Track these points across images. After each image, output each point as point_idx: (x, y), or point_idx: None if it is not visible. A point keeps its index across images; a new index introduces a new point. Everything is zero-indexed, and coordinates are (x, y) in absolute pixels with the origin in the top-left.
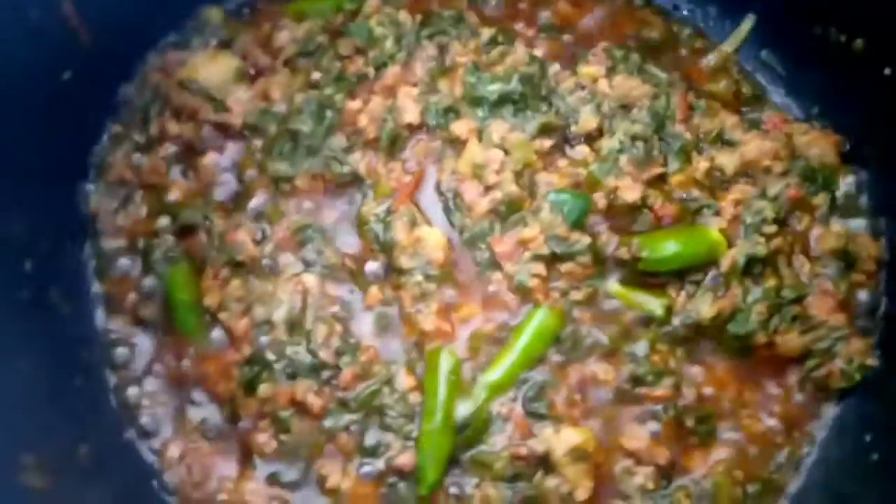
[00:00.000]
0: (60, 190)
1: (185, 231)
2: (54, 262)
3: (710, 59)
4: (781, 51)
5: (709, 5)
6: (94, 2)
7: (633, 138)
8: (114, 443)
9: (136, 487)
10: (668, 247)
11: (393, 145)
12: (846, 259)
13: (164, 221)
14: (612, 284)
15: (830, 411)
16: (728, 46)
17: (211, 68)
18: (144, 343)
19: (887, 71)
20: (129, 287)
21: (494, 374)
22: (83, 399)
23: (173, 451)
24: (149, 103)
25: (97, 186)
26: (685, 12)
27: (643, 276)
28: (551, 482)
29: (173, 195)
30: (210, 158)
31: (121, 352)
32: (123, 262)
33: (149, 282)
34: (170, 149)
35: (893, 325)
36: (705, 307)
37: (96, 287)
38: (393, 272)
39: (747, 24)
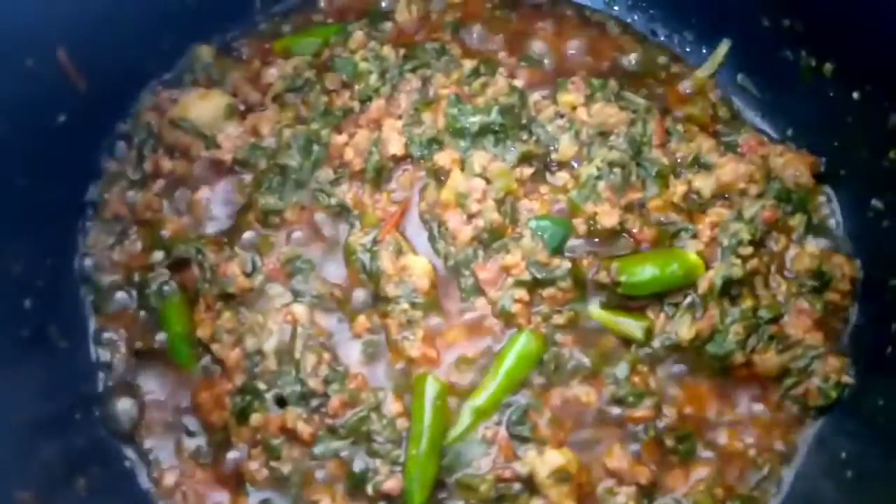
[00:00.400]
0: (57, 227)
1: (178, 264)
2: (52, 298)
3: (687, 84)
4: (756, 74)
5: (685, 31)
6: (87, 47)
7: (611, 164)
8: (111, 473)
9: None
10: (646, 271)
11: (378, 177)
12: (822, 279)
13: (158, 256)
14: (593, 308)
15: (809, 429)
16: (704, 71)
17: (202, 106)
18: (140, 375)
19: (856, 94)
20: (125, 321)
21: (479, 398)
22: (81, 432)
23: (169, 479)
24: (142, 141)
25: (93, 223)
26: (662, 38)
27: (623, 300)
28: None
29: (167, 230)
30: (202, 193)
31: (117, 384)
32: (119, 296)
33: (144, 315)
34: (163, 185)
35: (868, 344)
36: (684, 329)
37: (93, 321)
38: (380, 300)
39: (723, 48)
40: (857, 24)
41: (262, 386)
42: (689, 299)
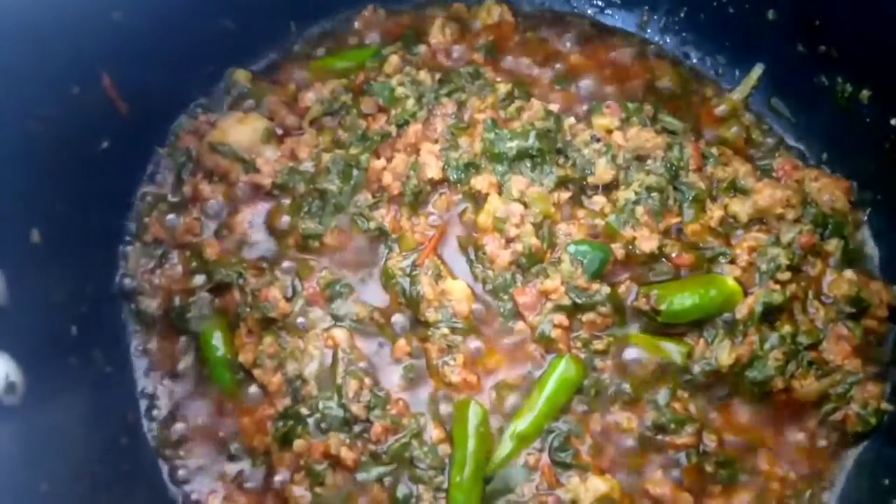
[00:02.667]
0: (99, 252)
1: (219, 289)
2: (96, 323)
3: (720, 107)
4: (790, 98)
5: (718, 54)
6: (129, 74)
7: (649, 189)
8: (156, 497)
9: None
10: (686, 299)
11: (416, 200)
12: (859, 305)
13: (199, 280)
14: (633, 333)
15: (849, 455)
16: (738, 94)
17: (240, 130)
18: (183, 399)
19: (893, 121)
20: (166, 345)
21: (521, 424)
22: (128, 457)
23: (212, 503)
24: (182, 166)
25: (134, 247)
26: (695, 61)
27: (663, 326)
28: None
29: (207, 254)
30: (242, 217)
31: (161, 409)
32: (161, 320)
33: (185, 339)
34: (202, 209)
35: None
36: (724, 354)
37: (135, 346)
38: (419, 325)
39: (756, 71)
40: (895, 51)
41: (304, 411)
42: (728, 325)
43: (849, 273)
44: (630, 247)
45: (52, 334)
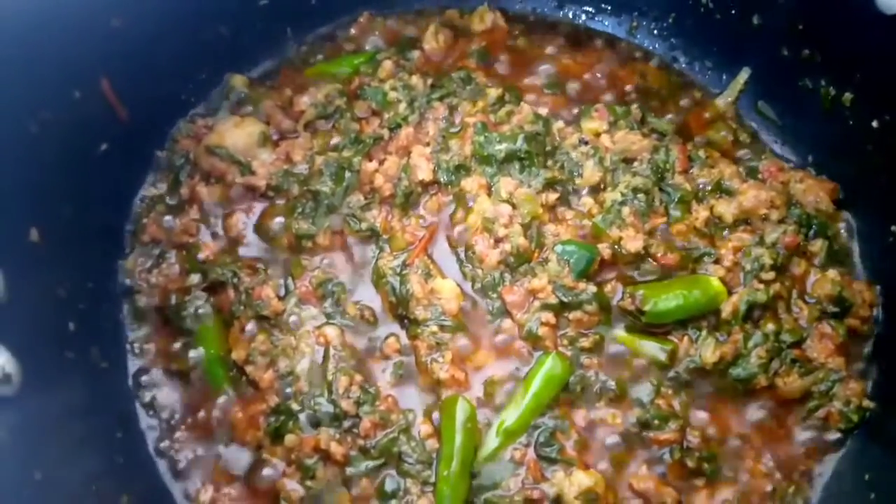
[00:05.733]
0: (99, 252)
1: (214, 288)
2: (94, 320)
3: (708, 110)
4: (777, 101)
5: (705, 59)
6: (128, 78)
7: (635, 190)
8: (150, 490)
9: None
10: (671, 299)
11: (407, 202)
12: (843, 304)
13: (194, 279)
14: (619, 332)
15: (832, 452)
16: (726, 97)
17: (236, 133)
18: (177, 395)
19: (875, 123)
20: (162, 342)
21: (508, 420)
22: (123, 451)
23: (204, 496)
24: (179, 168)
25: (132, 247)
26: (683, 65)
27: (647, 325)
28: None
29: (203, 254)
30: (237, 218)
31: (155, 404)
32: (157, 318)
33: (181, 337)
34: (199, 210)
35: (889, 369)
36: (708, 352)
37: (132, 343)
38: (409, 323)
39: (743, 75)
40: (876, 55)
41: (295, 407)
42: (712, 324)
43: (832, 273)
44: (616, 247)
45: (50, 329)
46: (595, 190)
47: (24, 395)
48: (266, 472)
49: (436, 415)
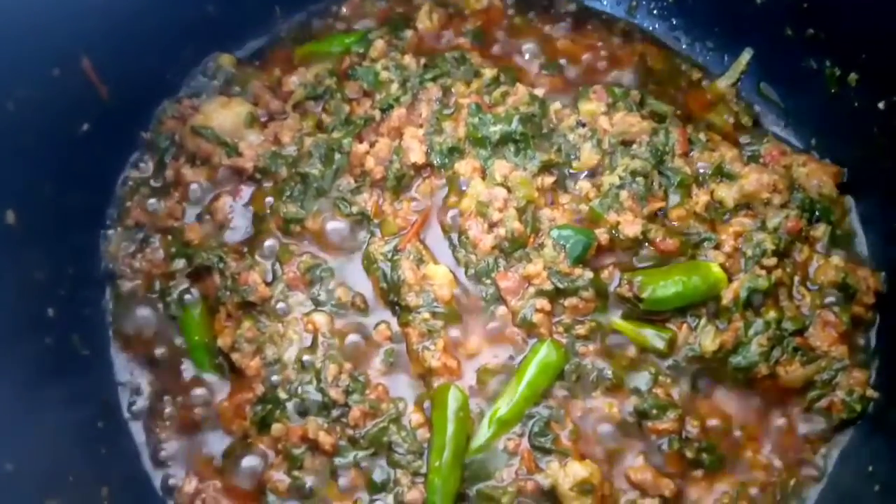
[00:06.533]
0: (79, 235)
1: (199, 273)
2: (75, 306)
3: (709, 92)
4: (779, 83)
5: (707, 39)
6: (110, 56)
7: (634, 174)
8: (132, 481)
9: None
10: (669, 287)
11: (399, 185)
12: (846, 291)
13: (179, 263)
14: (615, 319)
15: (834, 441)
16: (727, 79)
17: (223, 114)
18: (161, 383)
19: (881, 104)
20: (145, 329)
21: (501, 409)
22: (104, 441)
23: (188, 487)
24: (164, 150)
25: (115, 231)
26: (684, 46)
27: (645, 312)
28: None
29: (188, 238)
30: (223, 202)
31: (138, 392)
32: (140, 304)
33: (165, 323)
34: (184, 193)
35: (893, 358)
36: (707, 340)
37: (114, 330)
38: (400, 309)
39: (745, 56)
40: (883, 34)
41: (282, 395)
42: (712, 311)
43: (836, 259)
44: (614, 232)
45: (26, 314)
46: (592, 173)
47: None
48: (252, 462)
49: (427, 404)
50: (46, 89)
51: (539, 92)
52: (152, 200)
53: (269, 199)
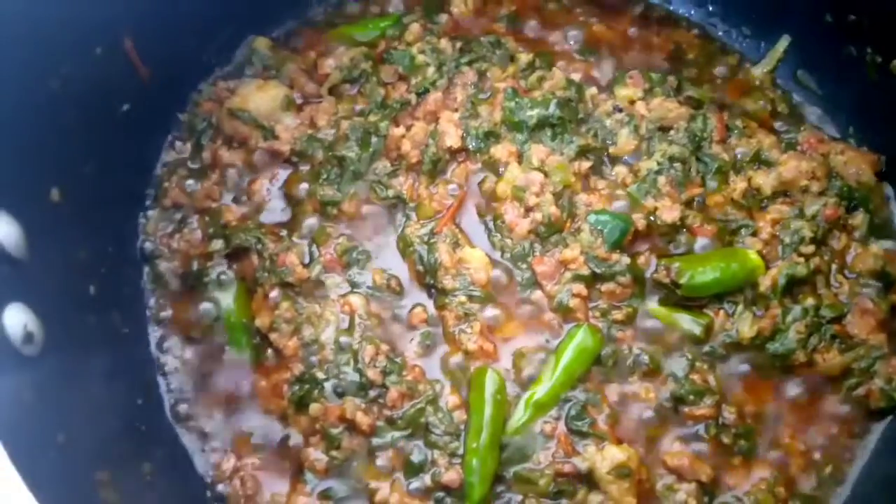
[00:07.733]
0: (120, 215)
1: (237, 254)
2: (115, 285)
3: (745, 79)
4: (817, 70)
5: (743, 25)
6: (150, 38)
7: (671, 159)
8: (173, 459)
9: (192, 500)
10: (707, 272)
11: (435, 169)
12: (885, 280)
13: (217, 244)
14: (652, 304)
15: (872, 429)
16: (764, 66)
17: (260, 97)
18: (199, 362)
19: None
20: (184, 308)
21: (538, 393)
22: (144, 417)
23: (227, 465)
24: (201, 131)
25: (154, 212)
26: (720, 32)
27: (682, 297)
28: (594, 499)
29: (226, 219)
30: (261, 184)
31: (177, 371)
32: (179, 284)
33: (203, 303)
34: (221, 174)
35: None
36: (745, 327)
37: (153, 308)
38: (437, 292)
39: (782, 43)
40: None
41: (320, 375)
42: (749, 297)
43: (874, 247)
44: (651, 217)
45: (70, 291)
46: (628, 159)
47: (47, 355)
48: (290, 442)
49: (464, 386)
50: (89, 68)
51: (575, 77)
52: (190, 181)
53: (304, 185)
